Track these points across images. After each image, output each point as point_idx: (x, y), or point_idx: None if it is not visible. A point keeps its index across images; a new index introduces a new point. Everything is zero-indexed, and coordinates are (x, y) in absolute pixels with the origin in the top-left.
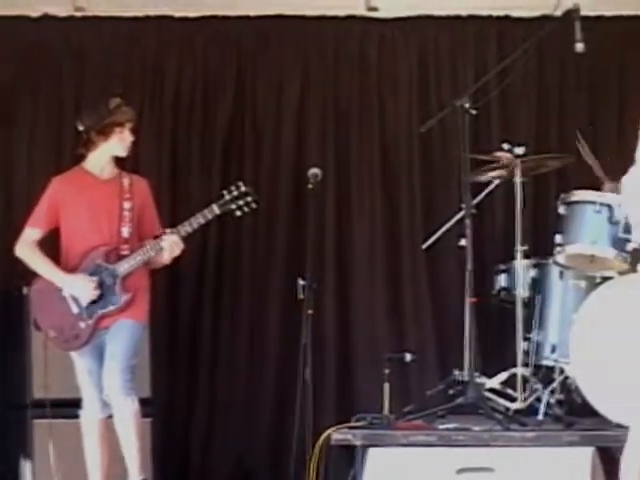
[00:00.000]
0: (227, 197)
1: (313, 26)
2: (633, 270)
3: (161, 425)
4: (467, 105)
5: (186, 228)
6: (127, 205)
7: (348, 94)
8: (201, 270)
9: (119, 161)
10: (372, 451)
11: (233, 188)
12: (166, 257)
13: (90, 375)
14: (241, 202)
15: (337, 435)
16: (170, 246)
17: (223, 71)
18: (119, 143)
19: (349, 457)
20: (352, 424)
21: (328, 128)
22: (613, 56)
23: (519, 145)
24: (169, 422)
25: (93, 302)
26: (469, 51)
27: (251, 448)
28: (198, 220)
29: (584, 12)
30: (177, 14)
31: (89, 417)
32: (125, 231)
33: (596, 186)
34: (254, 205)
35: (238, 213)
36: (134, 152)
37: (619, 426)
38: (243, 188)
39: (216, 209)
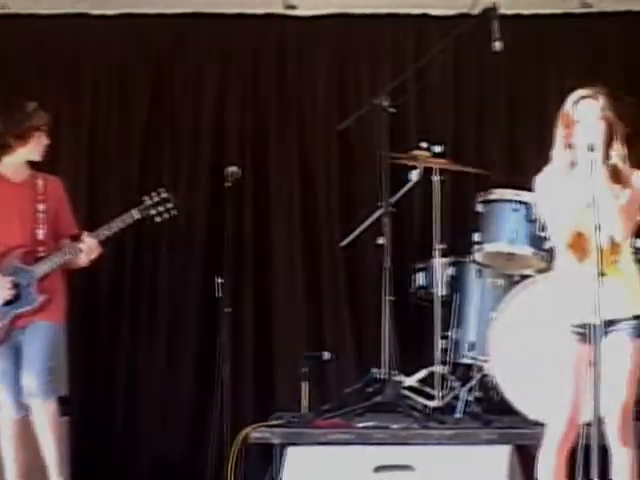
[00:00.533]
0: (147, 202)
1: (231, 24)
2: (551, 268)
3: (80, 424)
4: (385, 104)
5: (105, 232)
6: (41, 207)
7: (266, 93)
8: (119, 268)
9: (34, 162)
10: (290, 450)
11: (154, 194)
12: (83, 260)
13: (4, 376)
14: (161, 208)
15: (255, 434)
16: (88, 249)
17: (141, 70)
18: (36, 147)
19: (268, 455)
20: (270, 423)
21: (246, 127)
22: (531, 54)
23: (437, 144)
24: (88, 421)
25: (9, 302)
26: (387, 49)
27: (170, 447)
28: (117, 224)
29: (502, 11)
30: (94, 12)
31: (3, 418)
32: (40, 233)
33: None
34: (174, 212)
35: (158, 219)
36: (53, 151)
37: (537, 424)
38: (164, 194)
39: (136, 214)
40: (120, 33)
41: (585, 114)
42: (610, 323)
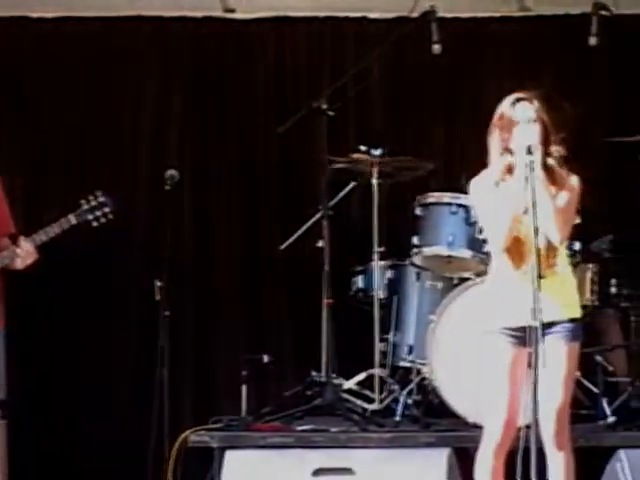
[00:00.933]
0: (84, 207)
1: (171, 27)
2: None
3: (18, 427)
4: (324, 106)
5: (41, 237)
6: None
7: (206, 95)
8: (57, 271)
9: None
10: (229, 453)
11: (91, 198)
12: (19, 264)
13: None
14: (98, 213)
15: (194, 437)
16: (25, 254)
17: (81, 71)
18: None
19: (207, 459)
20: (209, 426)
21: (186, 129)
22: (470, 57)
23: (376, 147)
24: (27, 424)
25: None
26: (326, 52)
27: (110, 450)
28: (54, 230)
29: (441, 14)
30: (34, 14)
31: None
32: None
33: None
34: (111, 216)
35: (95, 224)
36: None
37: (475, 426)
38: (101, 198)
39: (73, 219)
40: (62, 35)
41: (522, 116)
42: (546, 326)
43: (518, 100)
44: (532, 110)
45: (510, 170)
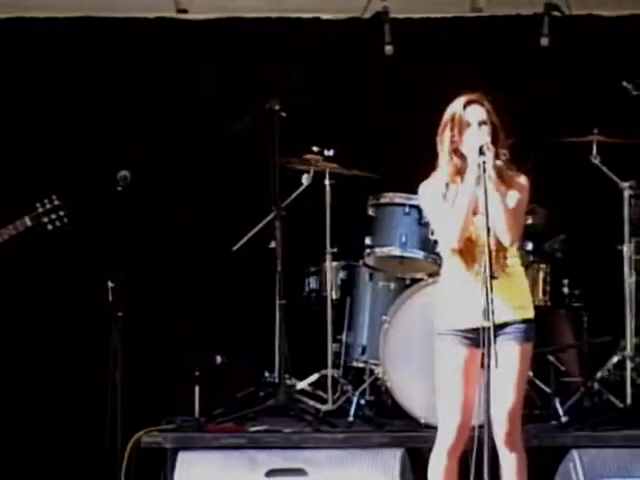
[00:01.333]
0: (40, 210)
1: (123, 28)
2: None
3: None
4: (277, 107)
5: None
6: None
7: (158, 96)
8: (7, 272)
9: None
10: (182, 454)
11: (46, 201)
12: None
13: None
14: (53, 216)
15: (147, 438)
16: None
17: (33, 73)
18: None
19: (160, 460)
20: (162, 427)
21: (138, 129)
22: (422, 58)
23: (329, 147)
24: None
25: None
26: (279, 53)
27: (62, 451)
28: (9, 232)
29: (393, 15)
30: None
31: None
32: None
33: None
34: (66, 219)
35: (49, 227)
36: None
37: (428, 427)
38: (56, 202)
39: (27, 221)
40: (12, 36)
41: (473, 118)
42: (499, 327)
43: (470, 102)
44: (483, 112)
45: (459, 172)
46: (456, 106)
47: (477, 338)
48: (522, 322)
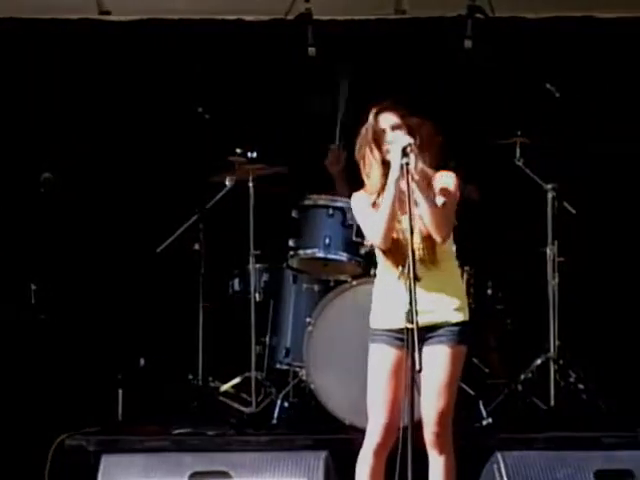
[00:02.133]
0: None
1: (46, 28)
2: (367, 274)
3: None
4: (200, 110)
5: None
6: None
7: (81, 97)
8: None
9: None
10: (105, 457)
11: None
12: None
13: None
14: None
15: (70, 441)
16: None
17: None
18: None
19: (84, 463)
20: (85, 430)
21: (62, 132)
22: (347, 59)
23: (252, 150)
24: None
25: None
26: (202, 54)
27: None
28: None
29: (317, 16)
30: None
31: None
32: None
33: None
34: None
35: None
36: None
37: (352, 428)
38: None
39: None
40: None
41: (387, 124)
42: (430, 329)
43: (380, 111)
44: (395, 117)
45: (386, 176)
46: (369, 120)
47: (405, 339)
48: (455, 324)
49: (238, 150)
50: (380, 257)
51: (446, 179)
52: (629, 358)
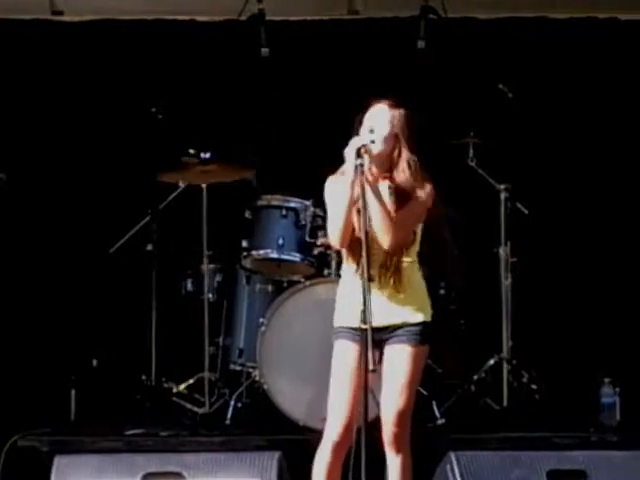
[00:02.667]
0: None
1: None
2: (320, 274)
3: None
4: (153, 110)
5: None
6: None
7: (34, 97)
8: None
9: None
10: (58, 458)
11: None
12: None
13: None
14: None
15: (23, 442)
16: None
17: None
18: None
19: (36, 464)
20: (38, 430)
21: (13, 131)
22: (298, 59)
23: (205, 150)
24: None
25: None
26: (156, 54)
27: None
28: None
29: (270, 17)
30: None
31: None
32: None
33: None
34: None
35: None
36: None
37: (306, 429)
38: None
39: None
40: None
41: (368, 123)
42: (391, 329)
43: (374, 107)
44: (381, 119)
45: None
46: (366, 110)
47: (363, 338)
48: (415, 325)
49: (191, 151)
50: (344, 255)
51: (419, 190)
52: (582, 358)
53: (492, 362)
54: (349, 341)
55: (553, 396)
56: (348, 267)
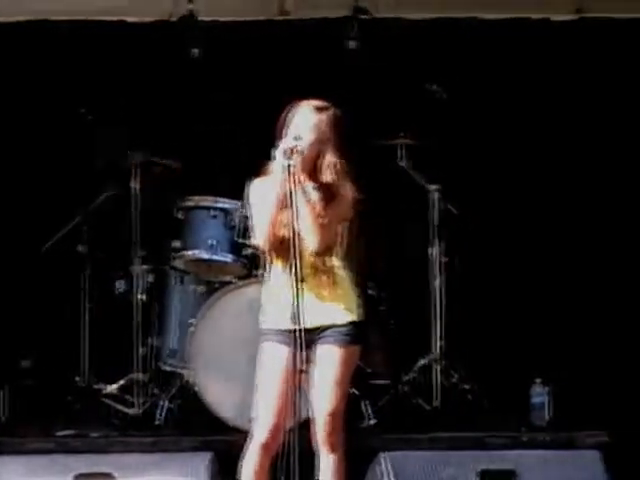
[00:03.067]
0: None
1: None
2: (251, 275)
3: None
4: (83, 111)
5: None
6: None
7: None
8: None
9: None
10: None
11: None
12: None
13: None
14: None
15: None
16: None
17: None
18: None
19: None
20: None
21: None
22: (229, 60)
23: (136, 151)
24: None
25: None
26: (86, 56)
27: None
28: None
29: (201, 17)
30: None
31: None
32: None
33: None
34: None
35: None
36: None
37: (236, 430)
38: None
39: None
40: None
41: (295, 122)
42: (321, 330)
43: (299, 107)
44: (308, 119)
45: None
46: (288, 110)
47: (294, 339)
48: (345, 325)
49: (125, 151)
50: (273, 255)
51: (342, 192)
52: (513, 358)
53: (423, 362)
54: (277, 343)
55: (484, 396)
56: (275, 268)
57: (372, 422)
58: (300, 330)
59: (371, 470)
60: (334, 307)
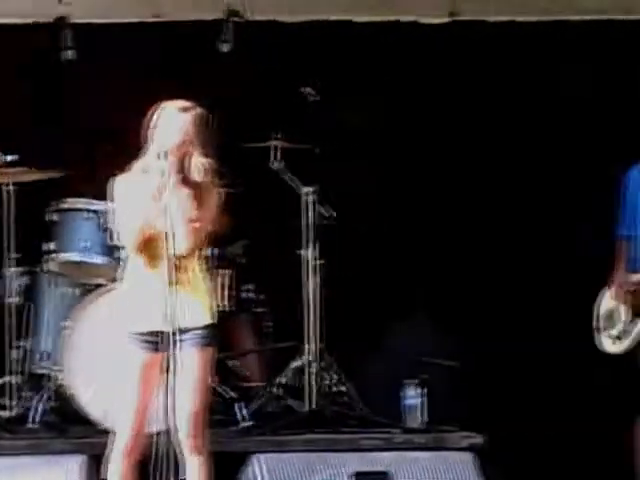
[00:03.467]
0: None
1: None
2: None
3: None
4: None
5: None
6: None
7: None
8: None
9: None
10: None
11: None
12: None
13: None
14: None
15: None
16: None
17: None
18: None
19: None
20: None
21: None
22: (106, 62)
23: (11, 153)
24: None
25: None
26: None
27: None
28: None
29: (75, 19)
30: None
31: None
32: None
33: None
34: None
35: None
36: None
37: (108, 432)
38: None
39: None
40: None
41: (165, 123)
42: (180, 332)
43: (167, 107)
44: (172, 118)
45: (147, 171)
46: (155, 110)
47: (157, 342)
48: (202, 328)
49: None
50: (131, 255)
51: (207, 190)
52: (389, 359)
53: (297, 364)
54: (139, 346)
55: (359, 398)
56: (136, 267)
57: (246, 424)
58: (171, 332)
59: (244, 472)
60: (192, 310)
